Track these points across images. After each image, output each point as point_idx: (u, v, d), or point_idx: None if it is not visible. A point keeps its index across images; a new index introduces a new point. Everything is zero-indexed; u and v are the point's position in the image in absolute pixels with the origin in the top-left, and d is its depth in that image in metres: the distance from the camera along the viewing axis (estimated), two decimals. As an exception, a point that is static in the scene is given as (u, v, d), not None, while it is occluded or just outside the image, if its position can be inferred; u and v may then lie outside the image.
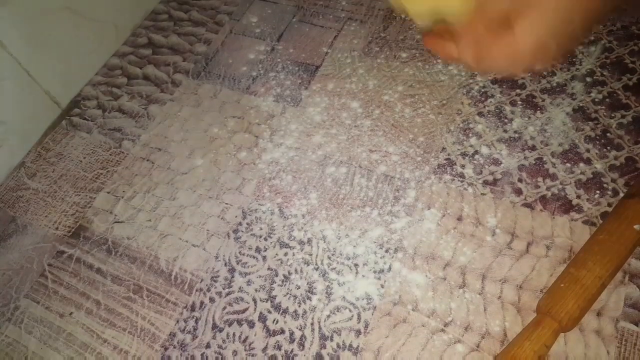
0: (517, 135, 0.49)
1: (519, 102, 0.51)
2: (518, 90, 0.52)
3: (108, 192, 0.52)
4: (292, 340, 0.41)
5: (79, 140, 0.57)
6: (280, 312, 0.43)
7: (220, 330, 0.42)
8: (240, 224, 0.48)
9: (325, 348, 0.41)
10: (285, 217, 0.48)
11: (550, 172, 0.47)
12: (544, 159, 0.47)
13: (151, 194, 0.51)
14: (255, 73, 0.59)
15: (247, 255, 0.46)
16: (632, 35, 0.54)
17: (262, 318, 0.43)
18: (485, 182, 0.47)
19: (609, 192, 0.45)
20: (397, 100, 0.54)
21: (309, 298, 0.43)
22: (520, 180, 0.47)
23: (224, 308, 0.44)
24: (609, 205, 0.44)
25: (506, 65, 0.32)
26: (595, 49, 0.54)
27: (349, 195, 0.48)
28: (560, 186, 0.46)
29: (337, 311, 0.42)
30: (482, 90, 0.53)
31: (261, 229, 0.47)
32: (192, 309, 0.44)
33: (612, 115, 0.49)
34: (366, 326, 0.41)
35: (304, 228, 0.47)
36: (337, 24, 0.62)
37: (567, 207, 0.45)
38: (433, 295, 0.42)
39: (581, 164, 0.47)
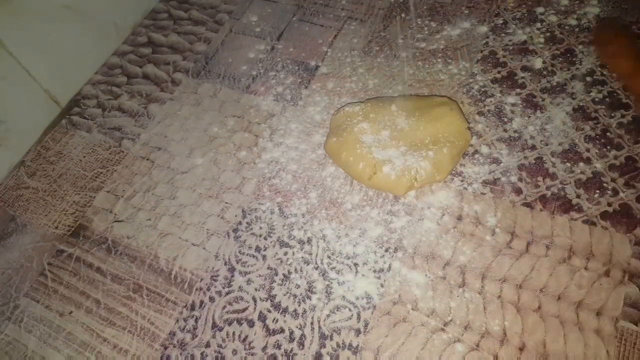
0: (517, 134, 0.49)
1: (519, 102, 0.51)
2: (518, 90, 0.52)
3: (108, 191, 0.52)
4: (291, 340, 0.41)
5: (79, 139, 0.57)
6: (280, 311, 0.43)
7: (220, 330, 0.43)
8: (240, 223, 0.48)
9: (325, 347, 0.41)
10: (285, 217, 0.48)
11: (550, 172, 0.47)
12: (544, 159, 0.47)
13: (151, 193, 0.51)
14: (255, 72, 0.59)
15: (247, 255, 0.46)
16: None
17: (262, 317, 0.43)
18: (485, 182, 0.47)
19: (609, 192, 0.45)
20: (397, 99, 0.54)
21: (309, 297, 0.43)
22: (520, 179, 0.47)
23: (224, 307, 0.44)
24: (609, 204, 0.44)
25: None
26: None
27: (348, 195, 0.48)
28: (560, 186, 0.46)
29: (337, 310, 0.42)
30: (482, 89, 0.53)
31: (261, 228, 0.47)
32: (192, 308, 0.44)
33: (612, 114, 0.49)
34: (366, 325, 0.41)
35: (303, 227, 0.47)
36: (337, 23, 0.62)
37: (567, 206, 0.45)
38: (433, 295, 0.42)
39: (581, 164, 0.47)
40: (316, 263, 0.45)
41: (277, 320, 0.42)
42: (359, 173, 0.47)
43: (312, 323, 0.42)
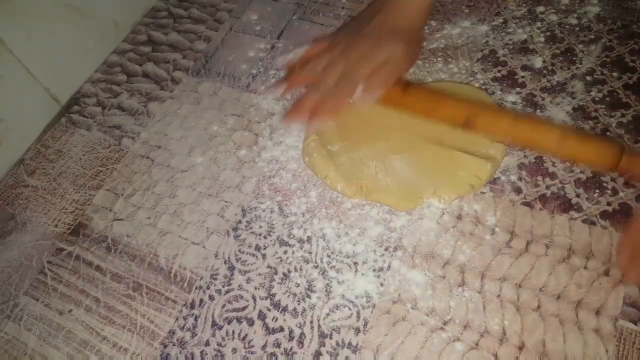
0: (517, 133, 0.49)
1: (519, 101, 0.51)
2: (518, 89, 0.52)
3: (107, 190, 0.52)
4: (291, 338, 0.41)
5: (79, 137, 0.57)
6: (280, 310, 0.43)
7: (220, 328, 0.43)
8: (239, 222, 0.48)
9: (324, 346, 0.41)
10: (284, 215, 0.48)
11: (550, 171, 0.47)
12: (544, 158, 0.47)
13: (151, 191, 0.51)
14: (255, 71, 0.59)
15: (246, 253, 0.46)
16: (632, 34, 0.54)
17: (262, 316, 0.43)
18: (485, 181, 0.47)
19: (609, 191, 0.45)
20: (397, 98, 0.53)
21: (309, 296, 0.43)
22: (520, 178, 0.47)
23: (224, 306, 0.44)
24: (609, 204, 0.44)
25: None
26: (596, 47, 0.54)
27: (348, 194, 0.48)
28: (559, 185, 0.46)
29: (337, 309, 0.42)
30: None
31: (261, 227, 0.47)
32: (192, 306, 0.44)
33: (612, 114, 0.49)
34: (365, 324, 0.41)
35: (303, 226, 0.47)
36: (337, 21, 0.62)
37: (566, 206, 0.45)
38: (432, 294, 0.42)
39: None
40: (316, 262, 0.45)
41: (276, 319, 0.42)
42: (342, 193, 0.47)
43: (311, 322, 0.42)
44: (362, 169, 0.47)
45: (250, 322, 0.43)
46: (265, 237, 0.47)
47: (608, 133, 0.48)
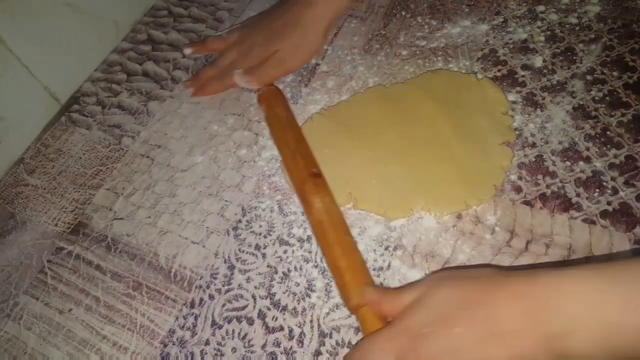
0: (517, 132, 0.49)
1: (520, 100, 0.51)
2: (518, 88, 0.52)
3: (107, 189, 0.52)
4: (291, 338, 0.41)
5: (79, 136, 0.57)
6: (280, 309, 0.43)
7: (220, 327, 0.43)
8: (239, 221, 0.48)
9: (324, 345, 0.41)
10: (284, 215, 0.48)
11: (550, 170, 0.47)
12: (544, 157, 0.47)
13: (151, 190, 0.51)
14: (255, 70, 0.59)
15: (246, 253, 0.46)
16: (632, 34, 0.54)
17: (262, 315, 0.43)
18: (485, 180, 0.47)
19: (609, 191, 0.45)
20: (397, 97, 0.53)
21: (309, 295, 0.43)
22: (520, 177, 0.47)
23: (224, 305, 0.44)
24: (609, 203, 0.44)
25: None
26: (596, 47, 0.53)
27: (348, 193, 0.48)
28: (559, 184, 0.46)
29: (337, 308, 0.42)
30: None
31: (261, 226, 0.47)
32: (192, 305, 0.44)
33: (612, 113, 0.49)
34: (365, 323, 0.41)
35: (303, 225, 0.47)
36: (337, 21, 0.62)
37: (566, 205, 0.45)
38: (432, 293, 0.42)
39: (581, 162, 0.47)
40: (316, 261, 0.45)
41: (276, 318, 0.42)
42: None
43: (311, 321, 0.42)
44: (351, 177, 0.47)
45: (250, 322, 0.43)
46: (265, 237, 0.47)
47: (608, 132, 0.48)
